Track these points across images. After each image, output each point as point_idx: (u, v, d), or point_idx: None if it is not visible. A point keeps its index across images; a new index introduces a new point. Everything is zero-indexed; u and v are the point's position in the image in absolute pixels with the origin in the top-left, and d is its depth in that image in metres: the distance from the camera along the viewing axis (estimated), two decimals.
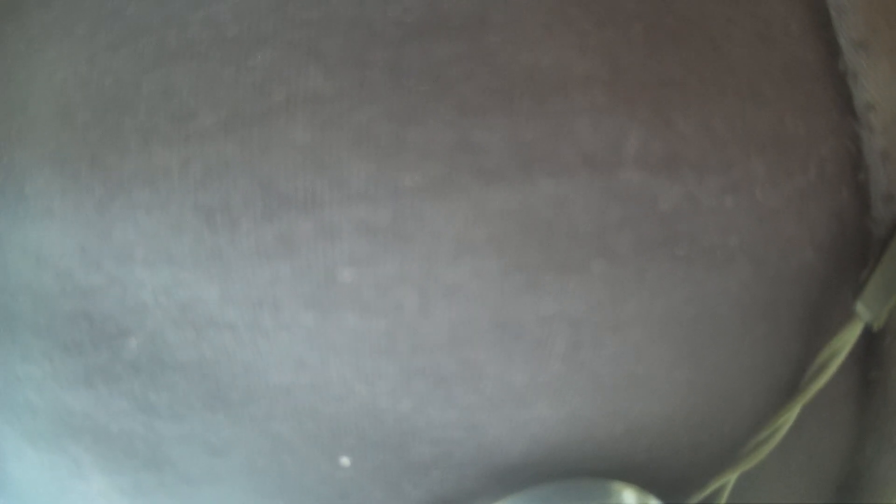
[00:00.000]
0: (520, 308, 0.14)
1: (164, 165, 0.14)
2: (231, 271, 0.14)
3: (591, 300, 0.14)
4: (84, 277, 0.16)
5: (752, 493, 0.17)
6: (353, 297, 0.14)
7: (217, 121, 0.14)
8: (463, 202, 0.14)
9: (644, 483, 0.17)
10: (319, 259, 0.14)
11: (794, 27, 0.15)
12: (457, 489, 0.16)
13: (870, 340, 0.17)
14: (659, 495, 0.17)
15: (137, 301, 0.15)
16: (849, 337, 0.16)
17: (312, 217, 0.14)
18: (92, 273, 0.15)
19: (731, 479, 0.17)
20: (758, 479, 0.17)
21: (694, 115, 0.14)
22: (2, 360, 0.17)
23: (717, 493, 0.17)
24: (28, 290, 0.16)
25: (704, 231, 0.15)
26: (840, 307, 0.17)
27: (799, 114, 0.15)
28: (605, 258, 0.14)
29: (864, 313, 0.16)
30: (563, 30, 0.14)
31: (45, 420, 0.17)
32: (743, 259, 0.15)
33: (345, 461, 0.16)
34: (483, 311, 0.14)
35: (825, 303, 0.17)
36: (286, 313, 0.14)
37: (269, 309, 0.15)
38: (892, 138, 0.16)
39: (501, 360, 0.15)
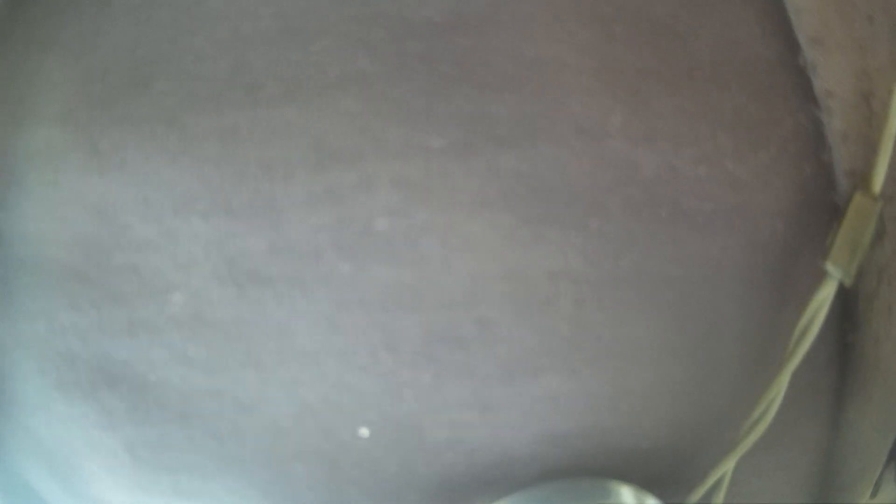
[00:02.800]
0: (529, 261, 0.16)
1: (234, 125, 0.17)
2: (282, 221, 0.16)
3: (591, 256, 0.16)
4: (141, 230, 0.17)
5: (740, 466, 0.18)
6: (385, 247, 0.16)
7: (282, 92, 0.17)
8: (479, 162, 0.16)
9: (648, 478, 0.17)
10: (359, 208, 0.16)
11: (756, 29, 0.18)
12: (466, 474, 0.17)
13: (845, 306, 0.19)
14: (662, 492, 0.17)
15: (188, 255, 0.17)
16: (824, 297, 0.17)
17: (356, 170, 0.16)
18: (150, 225, 0.17)
19: (730, 467, 0.18)
20: (746, 455, 0.18)
21: (667, 97, 0.17)
22: (48, 310, 0.18)
23: (716, 487, 0.18)
24: (83, 242, 0.18)
25: (683, 195, 0.17)
26: (811, 278, 0.18)
27: (760, 99, 0.18)
28: (599, 216, 0.17)
29: (835, 271, 0.17)
30: (557, 29, 0.17)
31: (85, 369, 0.18)
32: (719, 224, 0.17)
33: (364, 432, 0.17)
34: (496, 263, 0.16)
35: (796, 272, 0.18)
36: (325, 264, 0.16)
37: (310, 259, 0.16)
38: (850, 121, 0.18)
39: (513, 319, 0.16)
